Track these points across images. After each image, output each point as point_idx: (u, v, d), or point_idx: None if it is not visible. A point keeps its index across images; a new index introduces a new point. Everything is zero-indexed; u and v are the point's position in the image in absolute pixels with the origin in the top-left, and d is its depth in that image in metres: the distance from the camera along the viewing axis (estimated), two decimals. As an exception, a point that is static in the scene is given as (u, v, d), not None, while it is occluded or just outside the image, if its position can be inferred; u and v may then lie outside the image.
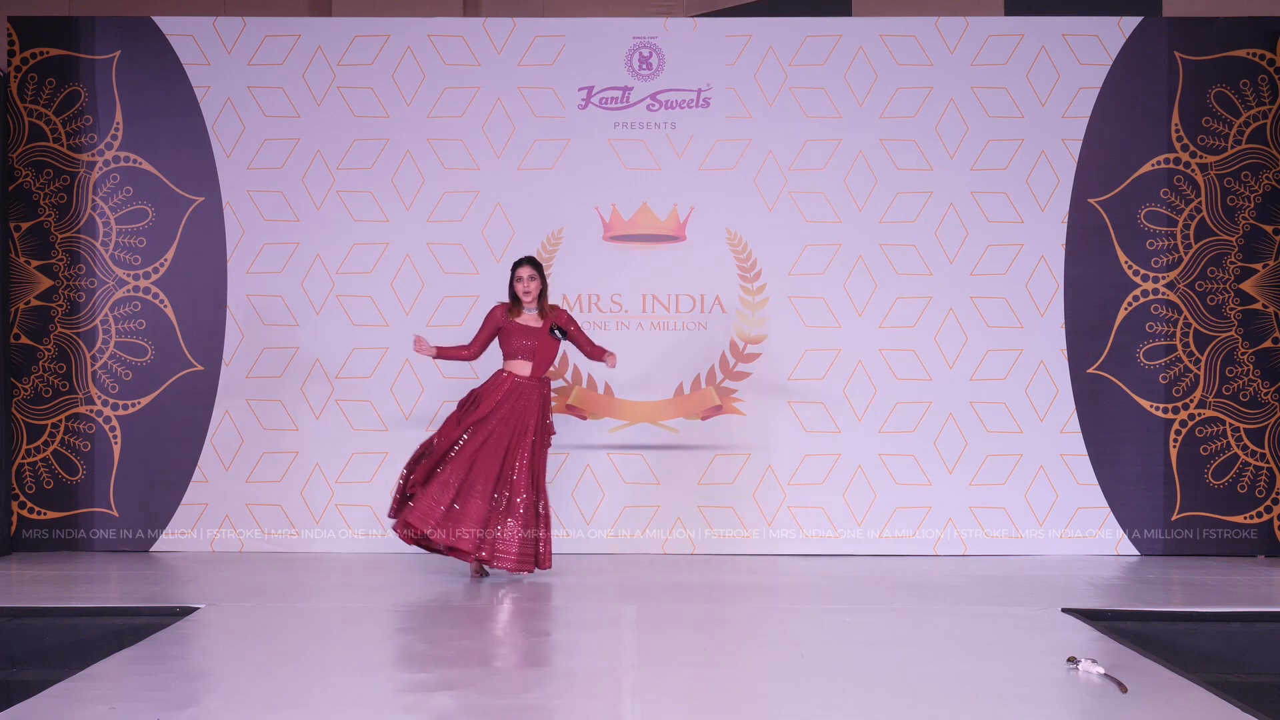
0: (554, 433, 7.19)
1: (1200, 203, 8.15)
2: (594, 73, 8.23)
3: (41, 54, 8.18)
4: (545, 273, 7.23)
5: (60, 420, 8.14)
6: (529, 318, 7.06)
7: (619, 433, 8.17)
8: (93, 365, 8.15)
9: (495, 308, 7.10)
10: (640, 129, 8.24)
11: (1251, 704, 4.50)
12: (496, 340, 7.13)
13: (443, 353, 7.13)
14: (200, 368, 8.18)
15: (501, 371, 7.06)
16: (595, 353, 7.14)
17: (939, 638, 5.70)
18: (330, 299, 8.18)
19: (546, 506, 7.06)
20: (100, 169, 8.19)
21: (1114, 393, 8.13)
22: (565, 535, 7.94)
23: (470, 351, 7.13)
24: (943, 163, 8.19)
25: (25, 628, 5.93)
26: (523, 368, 7.01)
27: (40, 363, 8.15)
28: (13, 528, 8.10)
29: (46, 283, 8.17)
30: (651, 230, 8.23)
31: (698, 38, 8.27)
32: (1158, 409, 8.13)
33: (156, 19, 8.22)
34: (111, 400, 8.15)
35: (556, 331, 7.06)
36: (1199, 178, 8.15)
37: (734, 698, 4.61)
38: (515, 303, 7.07)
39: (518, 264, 7.09)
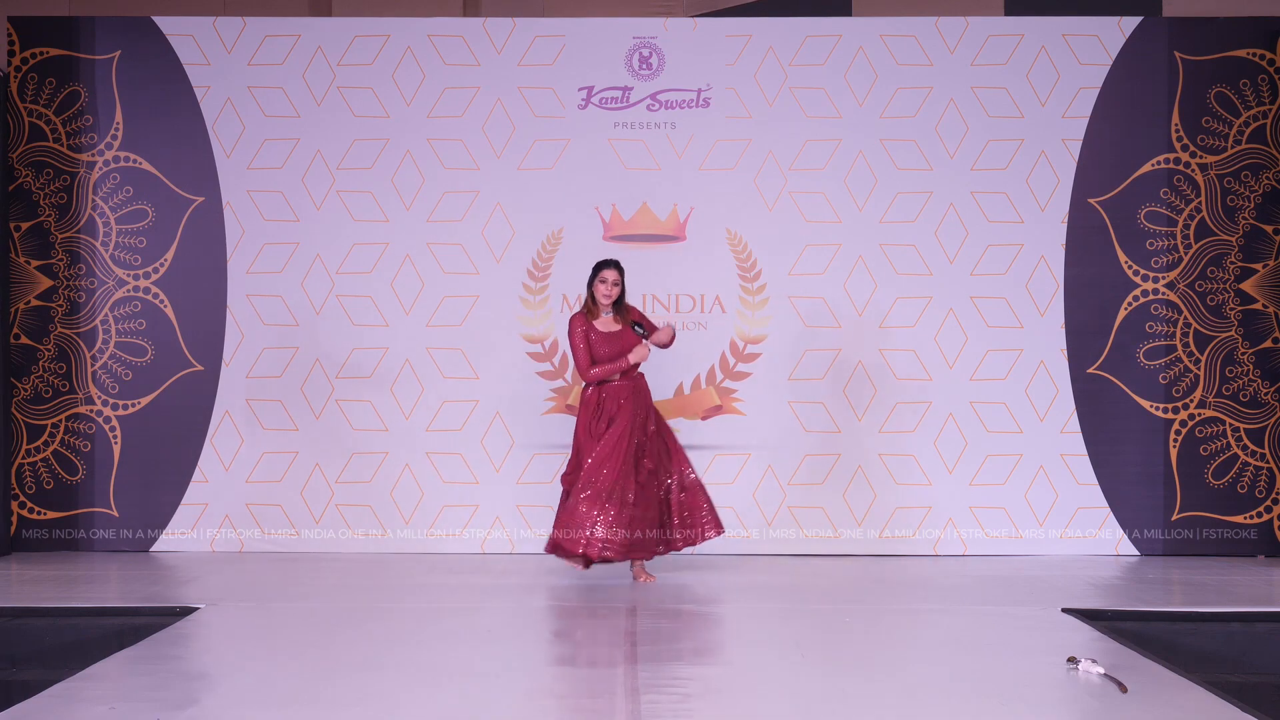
0: (658, 421, 7.09)
1: (1200, 203, 8.15)
2: (594, 73, 8.23)
3: (41, 54, 8.18)
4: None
5: (60, 420, 8.14)
6: (606, 321, 7.00)
7: (619, 433, 8.15)
8: (93, 365, 8.15)
9: (574, 319, 7.01)
10: (640, 129, 8.24)
11: (1251, 704, 4.50)
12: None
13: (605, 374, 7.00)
14: (200, 368, 8.18)
15: (586, 389, 7.04)
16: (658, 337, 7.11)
17: (939, 638, 5.70)
18: (330, 299, 8.18)
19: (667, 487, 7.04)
20: (100, 169, 8.19)
21: (1114, 393, 8.13)
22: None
23: (588, 374, 6.98)
24: (943, 163, 8.19)
25: (25, 628, 5.93)
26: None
27: (40, 363, 8.15)
28: (13, 528, 8.10)
29: (46, 283, 8.17)
30: (651, 230, 8.23)
31: (698, 38, 8.27)
32: (1158, 409, 8.13)
33: (156, 19, 8.22)
34: (111, 400, 8.15)
35: (638, 329, 6.97)
36: (1199, 178, 8.15)
37: (734, 698, 4.61)
38: (594, 304, 6.99)
39: (603, 265, 6.99)
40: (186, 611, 6.07)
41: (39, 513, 8.13)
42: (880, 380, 8.17)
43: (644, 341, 6.96)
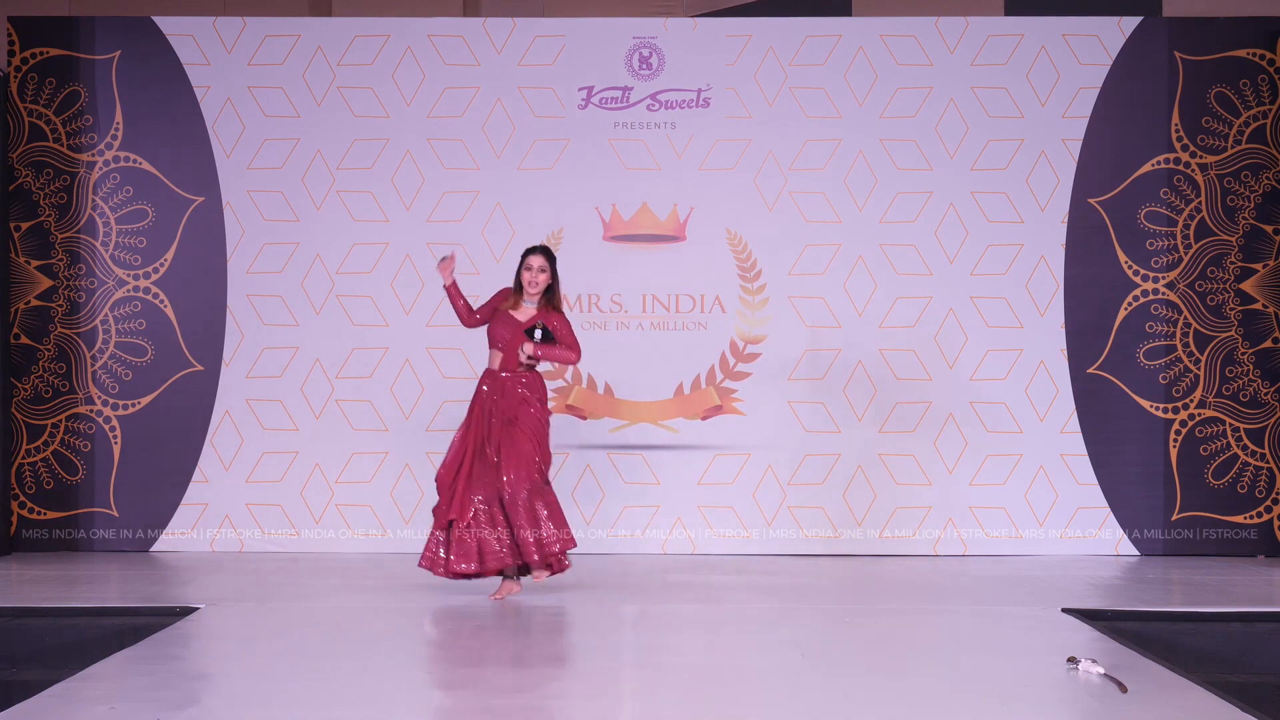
0: (537, 421, 6.43)
1: (1200, 203, 8.15)
2: (594, 73, 8.23)
3: (41, 54, 8.17)
4: (557, 268, 6.59)
5: (60, 420, 8.14)
6: (525, 310, 6.51)
7: (619, 433, 8.16)
8: (93, 365, 8.15)
9: (504, 288, 6.62)
10: (640, 129, 8.24)
11: (1251, 704, 4.49)
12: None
13: (454, 294, 6.56)
14: (200, 368, 8.18)
15: (486, 369, 6.58)
16: (567, 343, 6.53)
17: (939, 638, 5.70)
18: (330, 299, 8.18)
19: (534, 502, 6.34)
20: (100, 169, 8.19)
21: (1114, 393, 8.13)
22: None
23: (470, 319, 6.59)
24: (943, 163, 8.19)
25: (25, 628, 5.93)
26: (494, 360, 6.51)
27: (40, 363, 8.14)
28: (13, 528, 8.10)
29: (46, 283, 8.17)
30: (651, 230, 8.23)
31: (698, 38, 8.27)
32: (1158, 409, 8.13)
33: (156, 19, 8.22)
34: (111, 400, 8.15)
35: (537, 333, 6.40)
36: (1199, 178, 8.15)
37: (734, 698, 4.61)
38: (518, 291, 6.53)
39: (529, 251, 6.55)
40: (186, 611, 6.07)
41: (39, 513, 8.13)
42: (880, 380, 8.17)
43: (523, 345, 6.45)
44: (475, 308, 6.63)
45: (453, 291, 6.58)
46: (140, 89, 8.19)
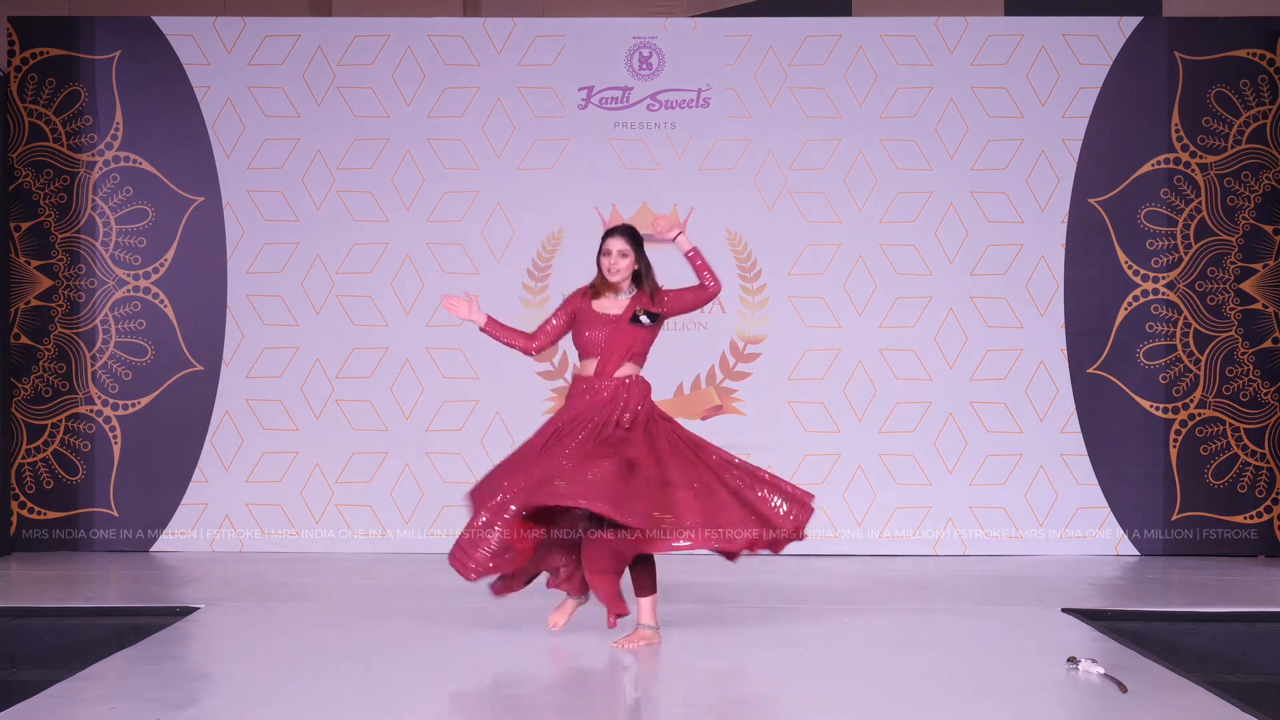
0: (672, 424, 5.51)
1: (1200, 203, 8.15)
2: (594, 73, 8.23)
3: (41, 54, 8.17)
4: (644, 251, 5.61)
5: (60, 420, 8.14)
6: (613, 303, 5.51)
7: (619, 433, 8.15)
8: (93, 365, 8.15)
9: (576, 290, 5.62)
10: (640, 129, 8.24)
11: (1251, 704, 4.50)
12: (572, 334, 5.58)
13: (494, 330, 5.57)
14: (200, 368, 8.18)
15: (574, 380, 5.57)
16: (703, 287, 5.57)
17: (939, 638, 5.71)
18: (330, 299, 8.18)
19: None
20: (100, 169, 8.19)
21: (1114, 393, 8.13)
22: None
23: (529, 341, 5.56)
24: (943, 163, 8.19)
25: (25, 628, 5.94)
26: (588, 367, 5.47)
27: (40, 363, 8.14)
28: (13, 528, 8.10)
29: (46, 283, 8.17)
30: (651, 230, 8.21)
31: (698, 38, 8.27)
32: (1158, 409, 8.13)
33: (156, 19, 8.22)
34: (111, 400, 8.15)
35: (644, 318, 5.46)
36: (1199, 178, 8.15)
37: (735, 698, 4.61)
38: (603, 282, 5.53)
39: (608, 234, 5.60)
40: (186, 611, 6.07)
41: (39, 513, 8.13)
42: (880, 380, 8.16)
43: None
44: (536, 328, 5.66)
45: (493, 328, 5.58)
46: (140, 89, 8.19)
